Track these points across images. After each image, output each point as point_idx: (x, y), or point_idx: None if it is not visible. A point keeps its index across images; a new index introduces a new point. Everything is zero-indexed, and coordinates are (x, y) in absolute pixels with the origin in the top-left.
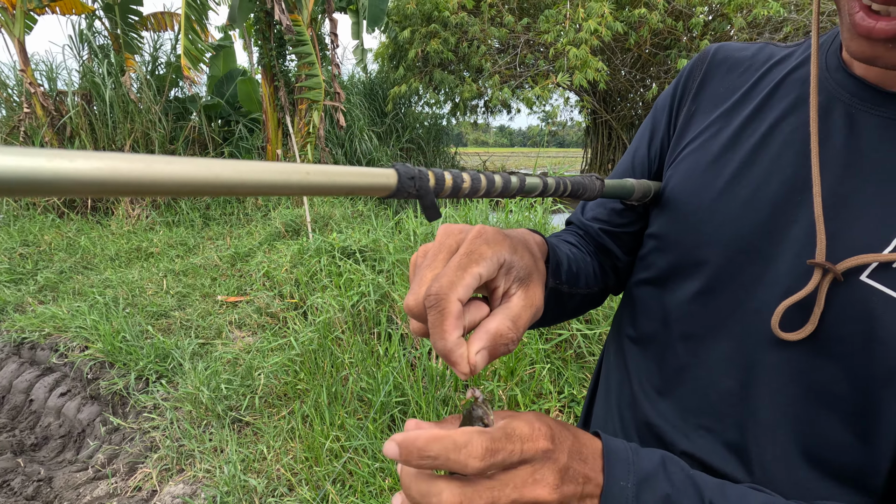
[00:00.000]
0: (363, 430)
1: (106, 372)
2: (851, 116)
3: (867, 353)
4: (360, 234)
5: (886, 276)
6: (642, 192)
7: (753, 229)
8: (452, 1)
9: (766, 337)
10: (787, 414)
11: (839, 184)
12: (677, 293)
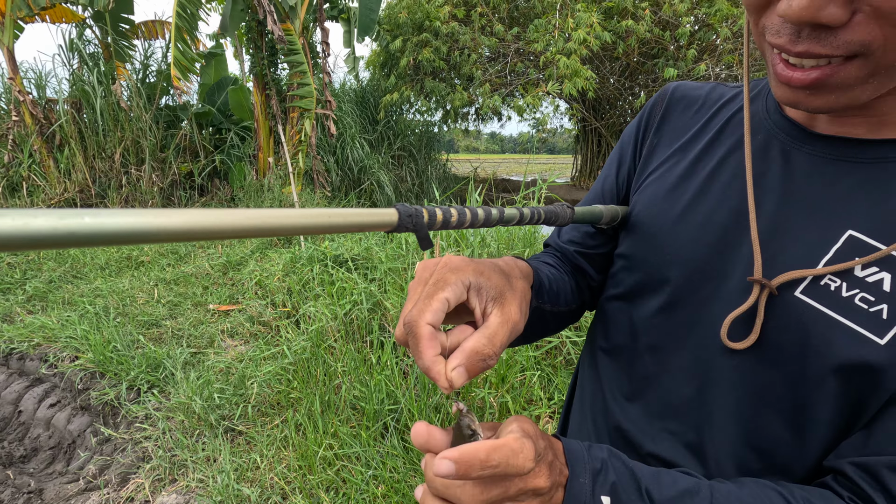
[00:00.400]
0: (356, 438)
1: (97, 382)
2: (786, 153)
3: (801, 359)
4: (353, 242)
5: (816, 292)
6: (611, 217)
7: (707, 251)
8: (443, 10)
9: (718, 347)
10: (736, 414)
11: (777, 211)
12: (643, 308)
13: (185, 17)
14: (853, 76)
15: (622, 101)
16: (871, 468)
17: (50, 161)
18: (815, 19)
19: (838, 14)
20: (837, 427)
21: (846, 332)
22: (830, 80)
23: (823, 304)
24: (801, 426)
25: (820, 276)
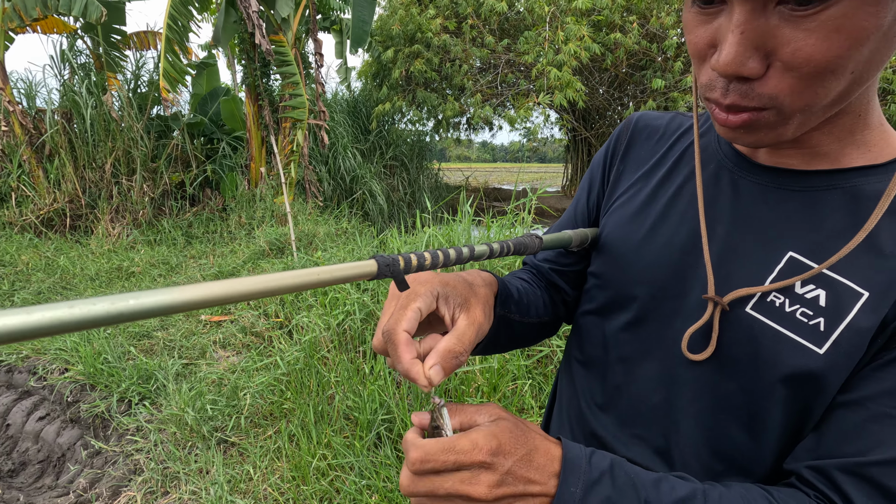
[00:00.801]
0: (350, 449)
1: (87, 394)
2: (735, 182)
3: (754, 370)
4: (345, 252)
5: (763, 308)
6: (580, 240)
7: (668, 271)
8: (435, 23)
9: (681, 359)
10: (700, 421)
11: (728, 235)
12: (614, 322)
13: (176, 30)
14: (772, 120)
15: (611, 111)
16: (824, 470)
17: (39, 171)
18: (738, 72)
19: (757, 68)
20: (789, 430)
21: (790, 344)
22: (756, 123)
23: (770, 318)
24: (756, 431)
25: (766, 293)
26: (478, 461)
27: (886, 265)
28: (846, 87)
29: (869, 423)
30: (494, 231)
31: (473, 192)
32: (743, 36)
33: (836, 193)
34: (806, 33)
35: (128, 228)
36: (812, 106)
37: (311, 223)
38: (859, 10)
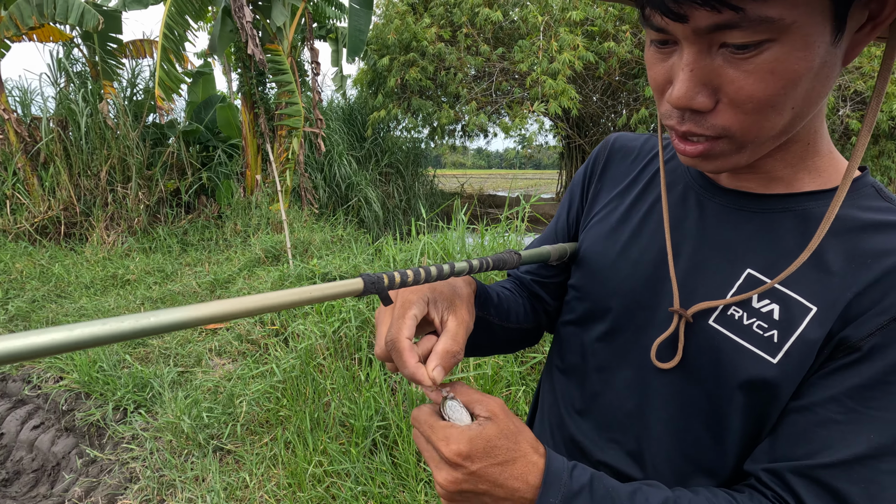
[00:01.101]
0: (346, 455)
1: (82, 403)
2: (701, 202)
3: (716, 378)
4: (340, 259)
5: (724, 321)
6: (559, 255)
7: (641, 285)
8: (430, 31)
9: (651, 367)
10: (669, 425)
11: (694, 252)
12: (591, 332)
13: (172, 39)
14: (726, 149)
15: (605, 118)
16: (779, 473)
17: (34, 179)
18: (689, 106)
19: (706, 102)
20: (748, 434)
21: (747, 354)
22: (711, 152)
23: (730, 330)
24: (720, 434)
25: (727, 306)
26: (445, 456)
27: (832, 282)
28: (789, 121)
29: (817, 427)
30: (489, 239)
31: (468, 199)
32: (692, 74)
33: (789, 216)
34: (745, 74)
35: (123, 236)
36: (760, 137)
37: (306, 231)
38: (790, 55)
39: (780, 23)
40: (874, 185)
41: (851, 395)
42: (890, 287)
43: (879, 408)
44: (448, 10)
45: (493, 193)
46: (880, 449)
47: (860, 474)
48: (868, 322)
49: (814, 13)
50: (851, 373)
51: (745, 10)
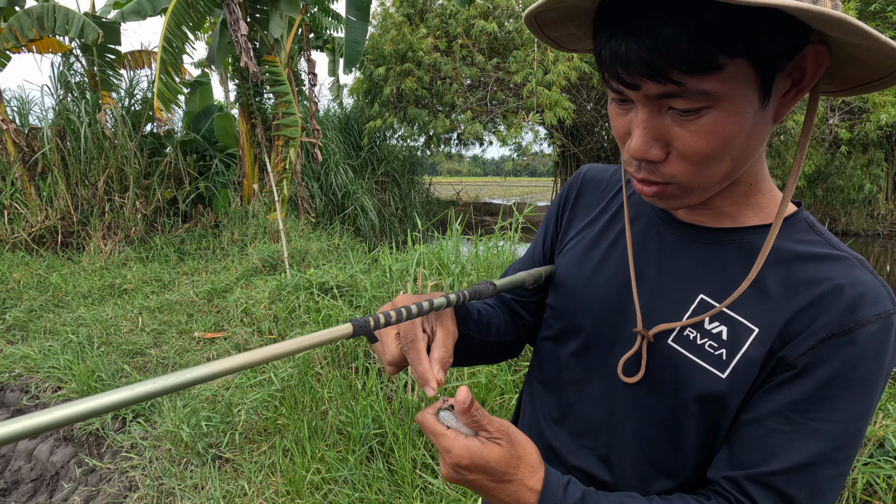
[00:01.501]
0: (343, 462)
1: None
2: (661, 234)
3: (675, 391)
4: (337, 269)
5: (681, 340)
6: (534, 279)
7: (608, 306)
8: (426, 42)
9: (619, 381)
10: (634, 433)
11: (655, 278)
12: (566, 348)
13: (171, 51)
14: (676, 192)
15: (598, 127)
16: (737, 480)
17: (31, 189)
18: (644, 157)
19: (658, 154)
20: (704, 442)
21: (701, 370)
22: (664, 193)
23: (686, 349)
24: (678, 442)
25: (683, 327)
26: (445, 461)
27: (772, 306)
28: (729, 170)
29: (765, 438)
30: (483, 250)
31: (464, 207)
32: (645, 131)
33: (735, 247)
34: (690, 133)
35: (120, 245)
36: (705, 183)
37: (303, 240)
38: (725, 118)
39: (714, 94)
40: (807, 220)
41: (792, 409)
42: (819, 312)
43: (817, 419)
44: (443, 21)
45: (488, 201)
46: (820, 456)
47: (804, 479)
48: (801, 343)
49: (743, 86)
50: (790, 388)
51: (685, 84)
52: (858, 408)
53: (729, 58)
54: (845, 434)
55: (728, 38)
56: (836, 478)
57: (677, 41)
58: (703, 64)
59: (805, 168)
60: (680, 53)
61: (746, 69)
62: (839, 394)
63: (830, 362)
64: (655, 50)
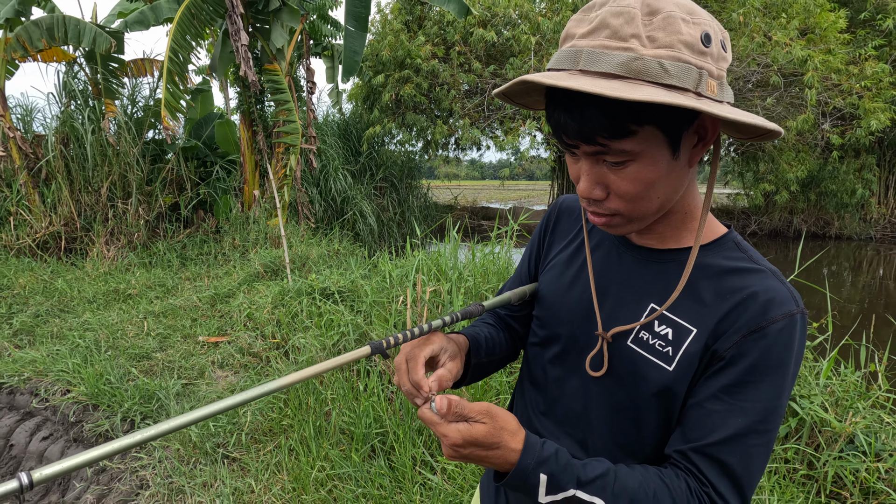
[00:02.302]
0: (347, 460)
1: (90, 415)
2: (620, 255)
3: (635, 385)
4: (338, 274)
5: (637, 341)
6: (519, 297)
7: (581, 316)
8: (424, 49)
9: (591, 378)
10: (605, 421)
11: (617, 292)
12: (549, 352)
13: (177, 62)
14: (620, 222)
15: None
16: (685, 453)
17: (35, 195)
18: (590, 197)
19: (600, 194)
20: (661, 427)
21: (652, 365)
22: (610, 223)
23: (641, 348)
24: (641, 427)
25: (639, 330)
26: (444, 444)
27: (706, 311)
28: (659, 205)
29: (705, 417)
30: (479, 257)
31: (462, 211)
32: (588, 177)
33: (675, 264)
34: (620, 178)
35: (123, 251)
36: (641, 215)
37: (304, 245)
38: (645, 168)
39: (632, 151)
40: (734, 240)
41: (724, 392)
42: (740, 314)
43: (743, 399)
44: (441, 29)
45: (486, 205)
46: (747, 429)
47: (735, 448)
48: (728, 339)
49: (655, 145)
50: (722, 376)
51: (609, 146)
52: (775, 389)
53: (639, 126)
54: (766, 410)
55: (636, 113)
56: (761, 446)
57: (598, 117)
58: (620, 131)
59: (798, 173)
60: (601, 125)
61: (656, 132)
62: (759, 378)
63: (750, 354)
64: (584, 123)
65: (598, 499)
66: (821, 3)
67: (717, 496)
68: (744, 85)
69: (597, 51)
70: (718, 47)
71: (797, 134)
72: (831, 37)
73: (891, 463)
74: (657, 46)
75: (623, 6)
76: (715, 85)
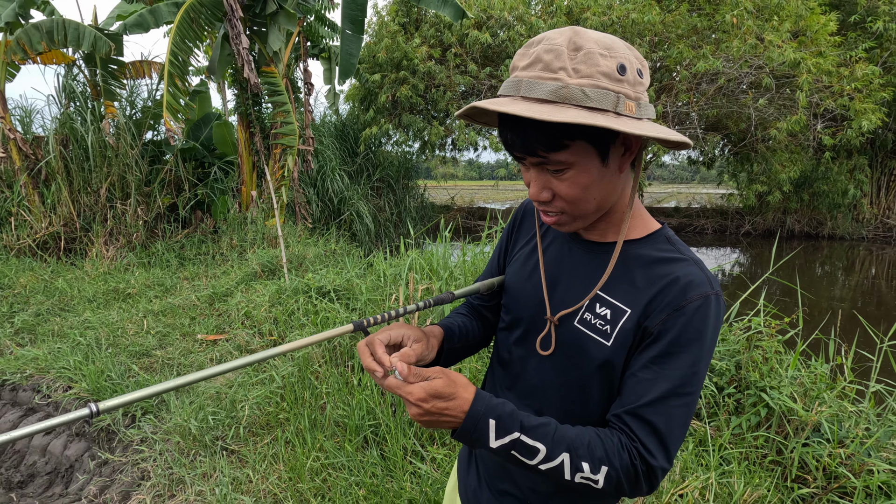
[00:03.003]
0: (341, 450)
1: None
2: (570, 248)
3: (581, 359)
4: (334, 273)
5: (583, 322)
6: (488, 287)
7: (536, 303)
8: (421, 50)
9: (543, 356)
10: (557, 392)
11: (569, 280)
12: (513, 335)
13: (177, 64)
14: (566, 220)
15: None
16: (619, 415)
17: (35, 196)
18: (538, 199)
19: (547, 197)
20: (604, 397)
21: (595, 342)
22: (558, 222)
23: (585, 327)
24: (587, 398)
25: (584, 312)
26: (411, 401)
27: (638, 294)
28: (597, 205)
29: (637, 385)
30: (470, 256)
31: (458, 212)
32: (536, 182)
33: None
34: (561, 182)
35: (122, 251)
36: (583, 214)
37: (301, 245)
38: (579, 174)
39: (567, 161)
40: (665, 234)
41: (653, 362)
42: (665, 295)
43: (667, 367)
44: (438, 31)
45: (483, 206)
46: (669, 392)
47: (660, 409)
48: (656, 317)
49: (585, 155)
50: (651, 349)
51: (548, 157)
52: (693, 357)
53: (571, 140)
54: (685, 376)
55: (567, 131)
56: (682, 406)
57: (536, 135)
58: (555, 146)
59: (791, 173)
60: (539, 141)
61: (586, 145)
62: (680, 349)
63: (673, 329)
64: (526, 140)
65: (540, 444)
66: (812, 7)
67: (645, 450)
68: (737, 87)
69: (533, 81)
70: (634, 75)
71: (790, 135)
72: (822, 39)
73: (852, 448)
74: (580, 77)
75: (554, 45)
76: (633, 105)
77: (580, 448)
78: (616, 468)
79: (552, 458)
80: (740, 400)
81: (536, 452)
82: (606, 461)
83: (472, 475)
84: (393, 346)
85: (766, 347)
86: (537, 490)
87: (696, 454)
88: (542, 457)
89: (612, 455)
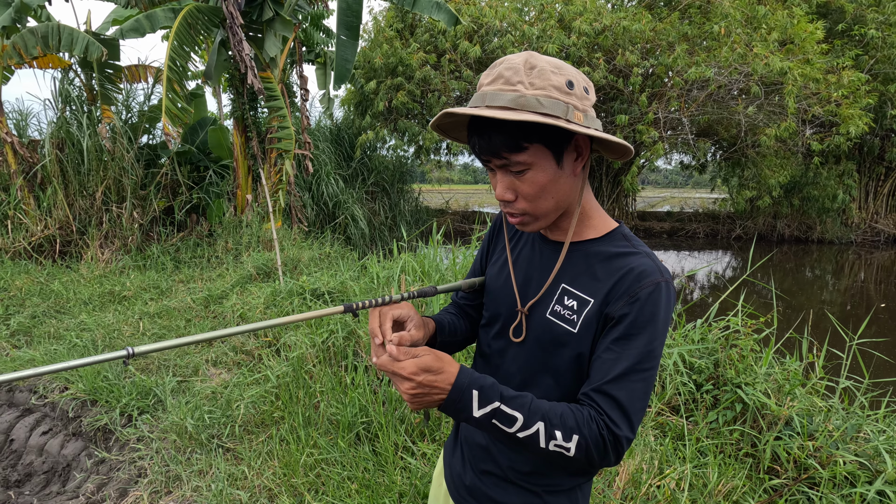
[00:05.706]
0: (334, 446)
1: (88, 410)
2: (540, 248)
3: (552, 346)
4: (328, 276)
5: (553, 313)
6: (468, 286)
7: (511, 300)
8: (416, 56)
9: (519, 344)
10: (532, 377)
11: (538, 277)
12: (492, 330)
13: (176, 70)
14: (529, 220)
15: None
16: (587, 393)
17: (31, 199)
18: (503, 199)
19: (511, 197)
20: (573, 382)
21: (562, 329)
22: (522, 222)
23: (554, 317)
24: (559, 381)
25: (554, 304)
26: (403, 376)
27: (600, 285)
28: (555, 205)
29: (602, 365)
30: (461, 259)
31: (452, 216)
32: (500, 183)
33: (580, 253)
34: (522, 182)
35: (117, 254)
36: (543, 213)
37: (295, 248)
38: (537, 175)
39: (526, 162)
40: (622, 232)
41: (614, 343)
42: (622, 285)
43: (626, 348)
44: (433, 37)
45: (477, 210)
46: (629, 369)
47: (622, 384)
48: (615, 304)
49: (542, 157)
50: (612, 332)
51: (510, 158)
52: (648, 338)
53: (529, 143)
54: (641, 355)
55: (525, 134)
56: (641, 381)
57: (499, 137)
58: (515, 147)
59: (780, 178)
60: (502, 143)
61: (542, 148)
62: (636, 331)
63: (630, 313)
64: (490, 143)
65: (518, 413)
66: (799, 16)
67: (611, 421)
68: (727, 94)
69: (496, 92)
70: (581, 91)
71: (779, 141)
72: (809, 47)
73: (820, 441)
74: (535, 88)
75: (512, 64)
76: (581, 116)
77: (554, 418)
78: (585, 437)
79: (528, 426)
80: (717, 396)
81: (515, 421)
82: (577, 430)
83: (456, 458)
84: (399, 324)
85: (743, 346)
86: (516, 468)
87: (673, 448)
88: (519, 425)
89: (582, 425)
